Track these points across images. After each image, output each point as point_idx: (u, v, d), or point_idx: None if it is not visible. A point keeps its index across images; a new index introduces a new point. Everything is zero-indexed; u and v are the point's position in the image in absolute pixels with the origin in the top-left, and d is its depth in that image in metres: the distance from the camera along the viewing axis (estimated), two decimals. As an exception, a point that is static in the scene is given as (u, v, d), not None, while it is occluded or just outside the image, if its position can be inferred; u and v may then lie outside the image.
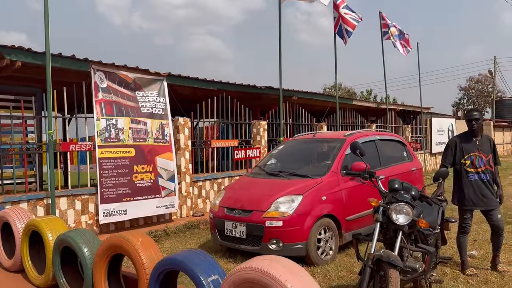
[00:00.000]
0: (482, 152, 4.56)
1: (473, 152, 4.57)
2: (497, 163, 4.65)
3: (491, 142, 4.68)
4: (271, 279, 2.34)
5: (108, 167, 6.74)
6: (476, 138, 4.62)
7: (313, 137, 6.64)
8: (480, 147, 4.58)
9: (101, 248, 3.49)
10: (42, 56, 6.08)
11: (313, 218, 5.02)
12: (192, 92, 9.45)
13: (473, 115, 4.56)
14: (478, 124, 4.59)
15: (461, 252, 4.64)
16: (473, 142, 4.61)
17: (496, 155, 4.66)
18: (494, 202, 4.55)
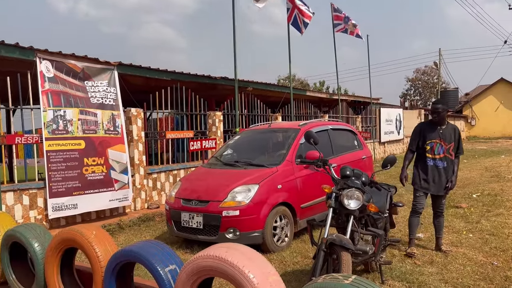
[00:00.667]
0: (444, 140, 4.83)
1: (435, 139, 4.85)
2: (459, 152, 4.89)
3: (456, 132, 4.90)
4: (229, 265, 2.38)
5: (56, 160, 6.48)
6: (440, 127, 4.88)
7: (268, 127, 6.73)
8: (442, 135, 4.85)
9: (52, 243, 3.38)
10: (-19, 43, 5.70)
11: (269, 207, 5.12)
12: (144, 82, 9.24)
13: (435, 108, 4.83)
14: (440, 116, 4.83)
15: (410, 231, 4.93)
16: (437, 130, 4.87)
17: (460, 144, 4.89)
18: (443, 190, 4.86)
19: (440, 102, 4.94)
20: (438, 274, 4.22)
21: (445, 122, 4.93)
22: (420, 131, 4.98)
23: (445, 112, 4.90)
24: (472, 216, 6.59)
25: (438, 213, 4.97)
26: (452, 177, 4.86)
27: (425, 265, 4.49)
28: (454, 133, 4.87)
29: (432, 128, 4.91)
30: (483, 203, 7.56)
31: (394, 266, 4.38)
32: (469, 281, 4.03)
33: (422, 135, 4.94)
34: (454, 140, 4.84)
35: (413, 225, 4.91)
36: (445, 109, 4.86)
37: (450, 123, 5.00)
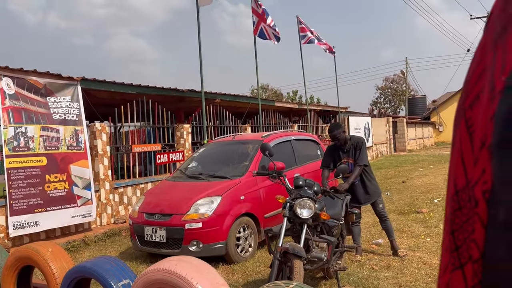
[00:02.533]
0: (350, 158, 5.03)
1: (343, 159, 5.05)
2: (357, 162, 4.90)
3: (358, 145, 4.99)
4: (178, 278, 2.46)
5: (17, 177, 6.38)
6: (344, 147, 5.06)
7: (233, 139, 6.84)
8: (347, 153, 5.04)
9: (9, 261, 3.37)
10: None
11: (232, 218, 5.21)
12: (110, 96, 9.21)
13: (332, 136, 4.96)
14: (340, 140, 4.98)
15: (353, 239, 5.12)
16: (342, 150, 5.07)
17: (360, 156, 4.92)
18: (367, 200, 5.07)
19: (333, 128, 5.02)
20: (393, 278, 4.40)
21: (347, 140, 5.06)
22: (330, 153, 5.20)
23: (343, 133, 5.02)
24: (431, 220, 6.85)
25: (382, 218, 5.20)
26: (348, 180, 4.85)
27: (382, 270, 4.66)
28: (356, 147, 5.00)
29: (339, 149, 5.10)
30: (443, 207, 7.80)
31: (352, 272, 4.53)
32: (422, 284, 4.22)
33: (333, 158, 5.14)
34: (356, 153, 4.97)
35: (355, 233, 5.08)
36: (341, 132, 4.99)
37: (354, 138, 5.14)
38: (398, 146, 26.50)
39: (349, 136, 5.16)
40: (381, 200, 5.22)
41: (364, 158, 4.95)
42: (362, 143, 5.03)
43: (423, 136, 32.05)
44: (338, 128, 5.00)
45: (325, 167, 5.12)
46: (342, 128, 5.10)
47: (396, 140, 26.63)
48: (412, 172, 14.21)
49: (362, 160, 4.92)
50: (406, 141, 26.76)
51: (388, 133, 25.06)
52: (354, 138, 5.11)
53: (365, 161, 4.95)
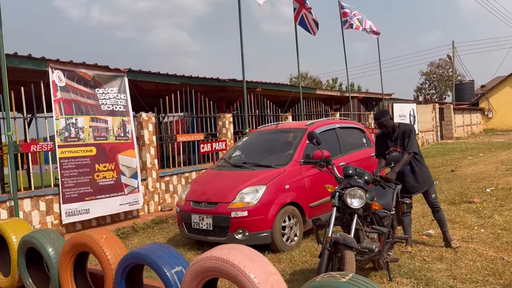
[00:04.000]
0: (398, 146, 4.84)
1: (391, 147, 4.88)
2: (406, 149, 4.73)
3: (406, 133, 4.80)
4: (230, 266, 2.46)
5: (69, 166, 6.66)
6: (392, 135, 4.88)
7: (275, 127, 6.79)
8: (396, 142, 4.86)
9: (65, 247, 3.51)
10: (-5, 56, 5.90)
11: (277, 207, 5.19)
12: (155, 87, 9.40)
13: (378, 123, 4.82)
14: (386, 127, 4.83)
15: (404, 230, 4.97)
16: (390, 138, 4.91)
17: (409, 143, 4.73)
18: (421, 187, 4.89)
19: (380, 115, 4.86)
20: (446, 270, 4.23)
21: (395, 128, 4.89)
22: (379, 140, 5.06)
23: (390, 120, 4.85)
24: (484, 211, 6.53)
25: (435, 208, 5.00)
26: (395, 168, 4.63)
27: (434, 262, 4.49)
28: (404, 135, 4.81)
29: (387, 137, 4.94)
30: (497, 197, 7.47)
31: (403, 263, 4.40)
32: (478, 276, 4.02)
33: (381, 146, 4.99)
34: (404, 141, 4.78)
35: (406, 224, 4.93)
36: (388, 119, 4.82)
37: (402, 125, 4.93)
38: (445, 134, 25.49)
39: (397, 123, 4.97)
40: (434, 190, 5.01)
41: (413, 145, 4.77)
42: (410, 130, 4.84)
43: (471, 123, 30.62)
44: (385, 115, 4.83)
45: (380, 156, 4.98)
46: (390, 115, 4.92)
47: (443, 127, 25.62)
48: (460, 160, 13.63)
49: (411, 147, 4.74)
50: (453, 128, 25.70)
51: (435, 120, 24.13)
52: (402, 126, 4.92)
53: (414, 148, 4.77)
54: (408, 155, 4.73)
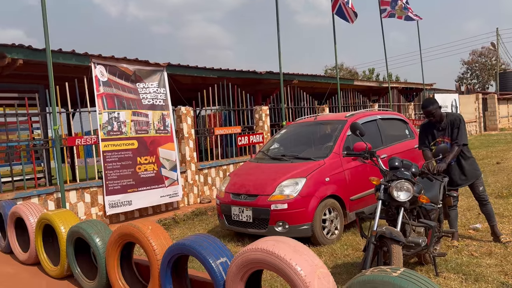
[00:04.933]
0: (446, 136, 4.62)
1: (438, 138, 4.68)
2: (456, 142, 4.54)
3: (455, 123, 4.61)
4: (276, 258, 2.44)
5: (112, 159, 6.86)
6: (439, 125, 4.68)
7: (314, 119, 6.69)
8: (443, 132, 4.65)
9: (112, 237, 3.61)
10: (42, 53, 6.13)
11: (317, 199, 5.12)
12: (192, 81, 9.49)
13: (426, 111, 4.61)
14: (434, 116, 4.63)
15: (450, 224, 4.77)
16: (437, 129, 4.70)
17: (459, 134, 4.55)
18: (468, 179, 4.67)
19: (428, 103, 4.65)
20: (497, 265, 4.04)
21: (443, 117, 4.68)
22: (424, 130, 4.84)
23: (438, 109, 4.64)
24: (537, 204, 6.20)
25: (482, 202, 4.77)
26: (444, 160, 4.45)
27: (483, 257, 4.30)
28: (453, 125, 4.60)
29: (433, 127, 4.74)
30: (549, 191, 7.08)
31: (450, 258, 4.24)
32: (532, 273, 3.82)
33: (426, 137, 4.78)
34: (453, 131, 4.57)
35: (452, 218, 4.73)
36: (436, 108, 4.61)
37: (450, 115, 4.72)
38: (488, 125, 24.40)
39: (445, 113, 4.77)
40: (481, 182, 4.78)
41: (464, 136, 4.56)
42: (460, 120, 4.64)
43: (517, 114, 29.13)
44: (433, 103, 4.64)
45: (425, 147, 4.80)
46: (438, 104, 4.72)
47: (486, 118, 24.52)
48: (506, 152, 13.01)
49: (462, 139, 4.54)
50: (497, 119, 24.54)
51: (478, 110, 23.13)
52: (450, 115, 4.72)
53: (465, 139, 4.57)
54: (458, 147, 4.55)
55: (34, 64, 6.46)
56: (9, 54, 5.99)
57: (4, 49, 5.96)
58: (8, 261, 5.09)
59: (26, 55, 6.18)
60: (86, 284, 3.95)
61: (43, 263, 4.57)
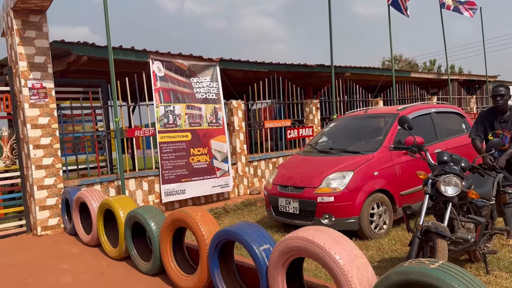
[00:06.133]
0: (507, 129, 4.37)
1: (497, 129, 4.44)
2: None
3: None
4: (315, 246, 2.53)
5: (167, 150, 7.23)
6: (502, 116, 4.43)
7: (364, 113, 6.62)
8: (505, 124, 4.40)
9: (165, 222, 3.86)
10: (104, 50, 6.58)
11: (365, 193, 5.10)
12: (243, 75, 9.69)
13: (498, 90, 4.37)
14: (503, 100, 4.38)
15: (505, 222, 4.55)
16: (498, 119, 4.46)
17: None
18: None
19: (501, 86, 4.42)
20: (556, 267, 3.83)
21: (507, 109, 4.42)
22: (481, 120, 4.58)
23: (508, 98, 4.37)
24: None
25: None
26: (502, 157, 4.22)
27: (542, 258, 4.09)
28: None
29: (494, 117, 4.47)
30: None
31: (503, 257, 4.08)
32: None
33: (484, 125, 4.53)
34: None
35: (507, 215, 4.49)
36: (509, 94, 4.35)
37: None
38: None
39: (510, 105, 4.54)
40: None
41: None
42: None
43: None
44: (507, 88, 4.42)
45: (477, 136, 4.62)
46: (510, 93, 4.51)
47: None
48: None
49: None
50: None
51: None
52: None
53: None
54: None
55: (97, 60, 6.93)
56: (75, 51, 6.49)
57: (70, 46, 6.47)
58: (73, 242, 5.58)
59: (90, 52, 6.65)
60: (141, 265, 4.26)
61: (103, 245, 4.96)
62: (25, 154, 6.00)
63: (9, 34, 6.01)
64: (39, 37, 5.95)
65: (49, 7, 5.88)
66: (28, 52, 5.85)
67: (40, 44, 5.96)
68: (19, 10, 5.73)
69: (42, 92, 5.94)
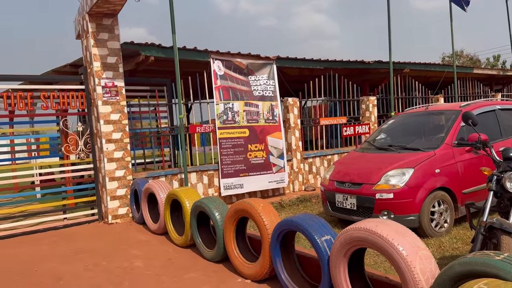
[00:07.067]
0: None
1: None
2: None
3: None
4: (378, 237, 2.61)
5: (226, 146, 7.52)
6: None
7: (425, 109, 6.50)
8: None
9: (229, 212, 4.09)
10: (169, 50, 6.97)
11: (425, 191, 5.05)
12: (299, 73, 9.78)
13: None
14: None
15: None
16: None
17: None
18: None
19: None
20: None
21: None
22: None
23: None
24: None
25: None
26: None
27: None
28: None
29: None
30: None
31: None
32: None
33: None
34: None
35: None
36: None
37: None
38: None
39: None
40: None
41: None
42: None
43: None
44: None
45: None
46: None
47: None
48: None
49: None
50: None
51: None
52: None
53: None
54: None
55: (162, 60, 7.34)
56: (143, 51, 6.93)
57: (139, 47, 6.91)
58: (141, 230, 5.99)
59: (157, 52, 7.07)
60: (206, 253, 4.52)
61: (170, 233, 5.30)
62: (98, 148, 6.52)
63: (84, 36, 6.54)
64: (111, 39, 6.43)
65: (120, 11, 6.34)
66: (101, 53, 6.34)
67: (112, 45, 6.43)
68: (93, 14, 6.23)
69: (114, 90, 6.42)
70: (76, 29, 6.98)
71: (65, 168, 6.81)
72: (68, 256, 4.93)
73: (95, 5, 5.88)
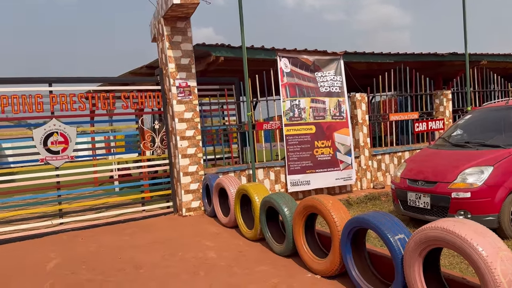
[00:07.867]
0: None
1: None
2: None
3: None
4: (456, 237, 2.54)
5: (293, 143, 7.58)
6: None
7: (505, 104, 6.09)
8: None
9: (298, 208, 4.16)
10: (238, 50, 7.17)
11: (506, 190, 4.77)
12: (367, 67, 9.55)
13: None
14: None
15: None
16: None
17: None
18: None
19: None
20: None
21: None
22: None
23: None
24: None
25: None
26: None
27: None
28: None
29: None
30: None
31: None
32: None
33: None
34: None
35: None
36: None
37: None
38: None
39: None
40: None
41: None
42: None
43: None
44: None
45: None
46: None
47: None
48: None
49: None
50: None
51: None
52: None
53: None
54: None
55: (231, 59, 7.57)
56: (214, 52, 7.20)
57: (210, 48, 7.19)
58: (212, 223, 6.25)
59: (226, 52, 7.30)
60: (275, 247, 4.64)
61: (240, 226, 5.48)
62: (173, 145, 6.89)
63: (160, 39, 6.93)
64: (184, 41, 6.75)
65: (192, 14, 6.63)
66: (176, 55, 6.69)
67: (185, 47, 6.76)
68: (168, 17, 6.58)
69: (187, 90, 6.75)
70: (152, 32, 7.41)
71: (142, 164, 7.28)
72: (147, 246, 5.29)
73: (169, 9, 6.21)
